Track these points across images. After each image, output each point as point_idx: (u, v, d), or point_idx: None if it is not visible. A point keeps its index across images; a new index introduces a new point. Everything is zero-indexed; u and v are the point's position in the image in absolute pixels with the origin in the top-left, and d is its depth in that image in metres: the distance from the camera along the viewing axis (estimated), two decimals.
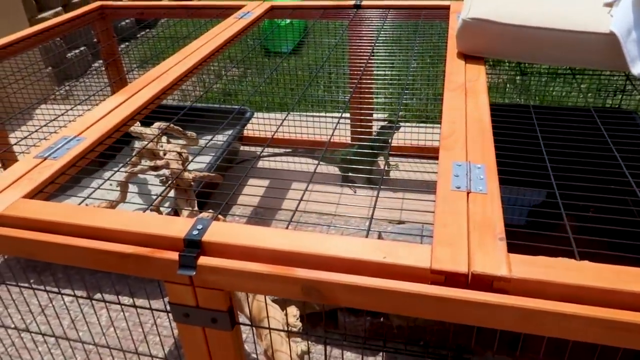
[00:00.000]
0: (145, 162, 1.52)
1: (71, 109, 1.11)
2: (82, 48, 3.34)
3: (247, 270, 0.60)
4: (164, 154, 1.45)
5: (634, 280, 0.53)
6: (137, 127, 1.61)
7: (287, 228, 0.65)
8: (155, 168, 1.33)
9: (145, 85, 1.10)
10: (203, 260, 0.61)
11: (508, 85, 2.49)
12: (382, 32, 1.50)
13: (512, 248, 0.58)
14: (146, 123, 1.57)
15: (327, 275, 0.57)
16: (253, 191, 1.84)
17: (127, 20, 3.83)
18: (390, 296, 0.56)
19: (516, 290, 0.54)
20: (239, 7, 1.74)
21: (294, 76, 2.80)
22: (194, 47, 1.33)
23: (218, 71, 3.13)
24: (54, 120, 1.06)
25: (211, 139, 1.01)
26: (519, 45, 1.09)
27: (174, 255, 0.62)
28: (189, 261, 0.61)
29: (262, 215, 1.72)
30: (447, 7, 1.57)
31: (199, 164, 1.85)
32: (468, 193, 0.68)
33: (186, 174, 1.34)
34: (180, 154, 1.35)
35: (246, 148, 2.12)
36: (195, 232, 0.63)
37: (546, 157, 0.87)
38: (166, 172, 1.34)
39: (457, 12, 1.49)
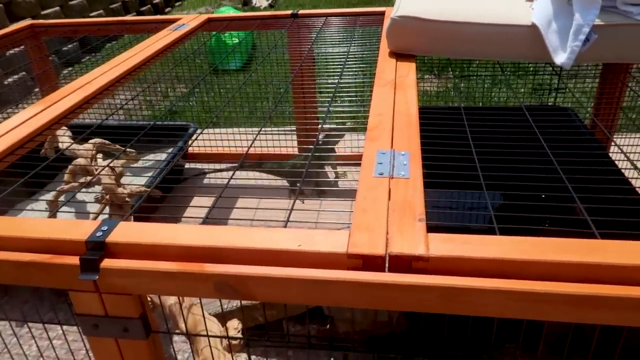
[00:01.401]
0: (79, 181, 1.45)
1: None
2: (22, 74, 3.22)
3: (154, 269, 0.55)
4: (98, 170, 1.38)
5: (552, 250, 0.51)
6: (66, 144, 1.54)
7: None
8: (87, 185, 1.27)
9: (66, 95, 1.04)
10: (106, 262, 0.56)
11: (453, 92, 2.54)
12: (319, 37, 1.49)
13: None
14: (81, 142, 1.50)
15: (237, 269, 0.54)
16: (199, 208, 1.78)
17: (70, 45, 3.72)
18: (307, 285, 0.53)
19: (436, 270, 0.52)
20: (175, 20, 1.71)
21: (242, 93, 2.77)
22: (123, 58, 1.28)
23: (165, 91, 3.07)
24: None
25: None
26: (446, 41, 1.10)
27: (75, 260, 0.57)
28: (90, 265, 0.56)
29: None
30: (383, 13, 1.59)
31: (141, 183, 1.78)
32: (390, 179, 0.66)
33: (120, 189, 1.28)
34: (113, 168, 1.29)
35: (192, 165, 2.06)
36: (99, 234, 0.58)
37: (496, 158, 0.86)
38: (99, 188, 1.27)
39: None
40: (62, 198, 1.48)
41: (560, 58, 1.01)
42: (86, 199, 1.62)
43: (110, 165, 1.29)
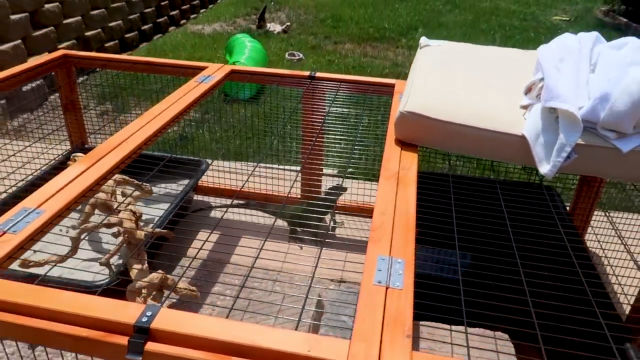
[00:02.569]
0: (98, 214, 1.57)
1: (26, 148, 1.16)
2: (39, 81, 3.34)
3: (189, 357, 0.68)
4: (117, 207, 1.50)
5: None
6: None
7: (241, 287, 0.74)
8: (109, 226, 1.39)
9: (107, 153, 1.17)
10: (150, 346, 0.69)
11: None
12: (334, 103, 1.63)
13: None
14: None
15: None
16: (203, 244, 1.89)
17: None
18: None
19: None
20: (200, 68, 1.84)
21: (250, 125, 2.91)
22: (156, 112, 1.41)
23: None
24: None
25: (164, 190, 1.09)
26: (447, 139, 1.24)
27: (124, 341, 0.69)
28: (137, 347, 0.68)
29: (211, 269, 1.78)
30: (393, 85, 1.73)
31: (153, 215, 1.90)
32: (387, 288, 0.79)
33: (139, 232, 1.40)
34: (134, 212, 1.41)
35: (199, 197, 2.18)
36: (144, 319, 0.71)
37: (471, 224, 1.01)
38: (119, 229, 1.39)
39: (400, 92, 1.64)
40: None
41: (544, 169, 1.15)
42: (102, 235, 1.74)
43: (132, 209, 1.41)
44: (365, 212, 2.08)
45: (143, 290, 1.21)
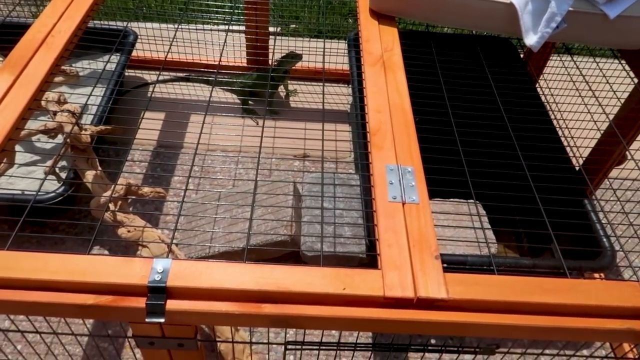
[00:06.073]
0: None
1: None
2: None
3: (217, 311, 0.63)
4: (48, 103, 1.30)
5: (537, 292, 0.67)
6: None
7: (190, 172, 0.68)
8: (46, 131, 1.20)
9: (32, 56, 0.94)
10: (171, 304, 0.63)
11: None
12: None
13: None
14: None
15: (294, 310, 0.64)
16: (148, 125, 1.74)
17: None
18: (351, 321, 0.65)
19: (452, 306, 0.66)
20: None
21: None
22: None
23: None
24: None
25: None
26: (429, 8, 1.12)
27: (140, 303, 0.63)
28: (157, 308, 0.63)
29: (164, 155, 1.66)
30: None
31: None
32: (403, 204, 0.76)
33: (84, 135, 1.23)
34: (73, 112, 1.22)
35: (130, 72, 1.94)
36: (157, 277, 0.64)
37: None
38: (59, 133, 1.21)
39: None
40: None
41: (530, 40, 1.09)
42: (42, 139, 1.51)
43: (69, 108, 1.22)
44: (318, 74, 1.96)
45: (110, 205, 1.10)
